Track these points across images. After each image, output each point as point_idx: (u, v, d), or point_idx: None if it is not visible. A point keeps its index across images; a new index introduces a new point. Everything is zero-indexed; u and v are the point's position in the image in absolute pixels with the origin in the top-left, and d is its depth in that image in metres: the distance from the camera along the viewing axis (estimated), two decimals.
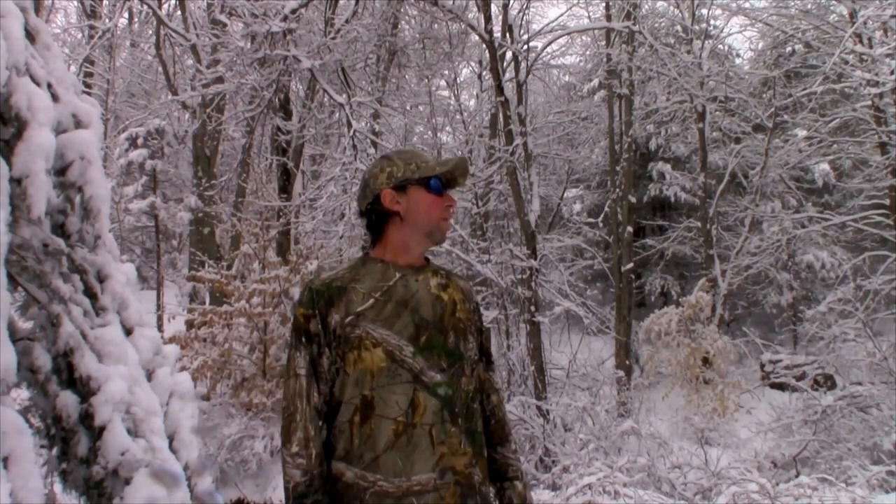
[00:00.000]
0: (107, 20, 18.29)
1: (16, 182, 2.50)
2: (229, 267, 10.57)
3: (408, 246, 1.82)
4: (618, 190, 14.62)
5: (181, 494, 2.76)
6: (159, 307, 15.08)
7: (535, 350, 10.32)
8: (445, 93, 16.90)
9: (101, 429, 2.67)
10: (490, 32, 10.13)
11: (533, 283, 10.25)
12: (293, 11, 8.61)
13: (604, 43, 15.66)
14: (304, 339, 1.74)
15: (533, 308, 10.24)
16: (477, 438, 1.76)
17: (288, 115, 12.39)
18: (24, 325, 2.75)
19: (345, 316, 1.72)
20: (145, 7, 16.79)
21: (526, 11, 14.18)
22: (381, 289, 1.75)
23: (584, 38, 18.25)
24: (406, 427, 1.66)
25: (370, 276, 1.77)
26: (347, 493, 1.66)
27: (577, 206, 17.01)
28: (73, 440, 2.67)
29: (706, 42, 14.69)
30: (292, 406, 1.70)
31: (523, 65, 11.32)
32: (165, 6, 17.06)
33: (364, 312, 1.72)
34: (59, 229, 2.85)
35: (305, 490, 1.65)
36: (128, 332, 3.00)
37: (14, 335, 2.60)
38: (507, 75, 12.43)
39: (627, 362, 13.56)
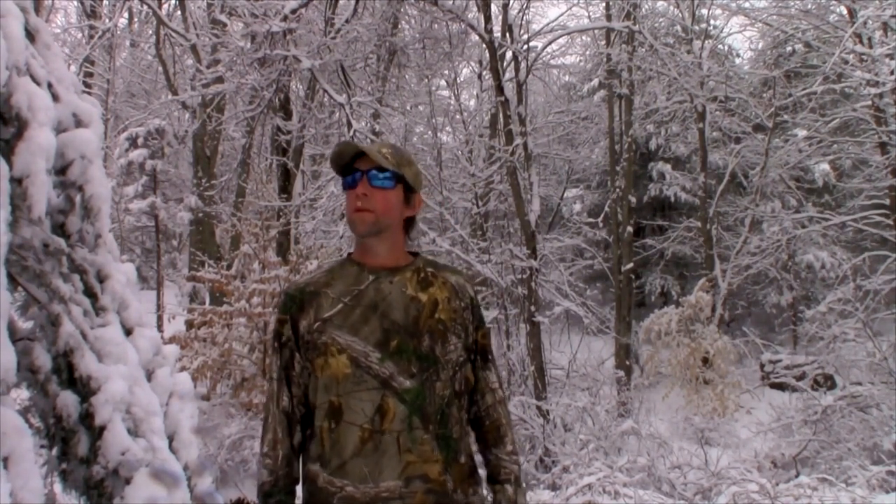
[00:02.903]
0: (107, 20, 18.31)
1: (16, 182, 2.49)
2: (229, 267, 10.57)
3: (360, 246, 1.79)
4: (618, 190, 14.62)
5: (181, 494, 2.76)
6: (159, 307, 15.08)
7: (535, 350, 10.32)
8: (445, 93, 16.91)
9: (102, 429, 2.66)
10: (490, 32, 10.13)
11: (533, 283, 10.25)
12: (293, 11, 8.62)
13: (604, 43, 15.66)
14: (276, 344, 1.77)
15: (533, 308, 10.24)
16: (452, 445, 1.71)
17: (288, 115, 12.39)
18: (24, 325, 2.75)
19: (313, 321, 1.72)
20: (145, 7, 16.80)
21: (526, 11, 14.21)
22: (352, 293, 1.73)
23: (584, 38, 18.26)
24: (372, 434, 1.65)
25: (343, 280, 1.75)
26: (319, 496, 1.68)
27: (577, 206, 17.01)
28: (73, 440, 2.67)
29: (706, 42, 14.69)
30: (266, 410, 1.78)
31: (523, 65, 11.32)
32: (165, 6, 17.07)
33: (331, 318, 1.71)
34: (60, 229, 2.85)
35: (270, 490, 1.72)
36: (128, 332, 3.00)
37: (14, 335, 2.59)
38: (507, 75, 12.43)
39: (627, 362, 13.56)
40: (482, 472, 1.84)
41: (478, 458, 1.84)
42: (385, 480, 1.64)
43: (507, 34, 11.94)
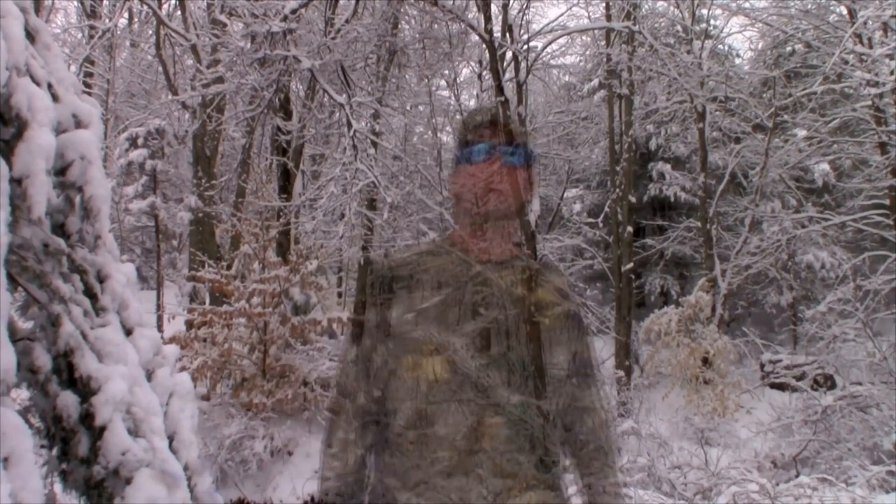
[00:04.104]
0: (107, 20, 18.29)
1: (16, 182, 2.50)
2: (229, 267, 10.57)
3: (470, 229, 1.55)
4: (618, 190, 14.62)
5: (181, 494, 2.76)
6: (159, 307, 15.08)
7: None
8: (445, 93, 16.93)
9: (102, 429, 2.66)
10: (490, 32, 10.13)
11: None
12: (293, 11, 8.61)
13: (604, 43, 15.66)
14: (360, 330, 1.55)
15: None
16: (553, 471, 1.49)
17: (288, 115, 12.38)
18: (24, 325, 2.75)
19: (405, 311, 1.48)
20: (145, 7, 16.79)
21: (526, 11, 14.24)
22: (453, 285, 1.49)
23: (584, 38, 18.25)
24: (467, 453, 1.41)
25: (442, 267, 1.51)
26: None
27: (577, 206, 17.01)
28: (73, 440, 2.67)
29: (706, 42, 14.69)
30: (339, 402, 1.55)
31: (523, 65, 11.33)
32: (165, 6, 17.06)
33: (427, 310, 1.47)
34: (59, 229, 2.85)
35: (335, 497, 1.52)
36: (128, 332, 3.00)
37: (14, 335, 2.59)
38: (507, 75, 12.44)
39: (627, 362, 13.56)
40: (577, 501, 1.60)
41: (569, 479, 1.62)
42: None
43: (507, 34, 11.94)
